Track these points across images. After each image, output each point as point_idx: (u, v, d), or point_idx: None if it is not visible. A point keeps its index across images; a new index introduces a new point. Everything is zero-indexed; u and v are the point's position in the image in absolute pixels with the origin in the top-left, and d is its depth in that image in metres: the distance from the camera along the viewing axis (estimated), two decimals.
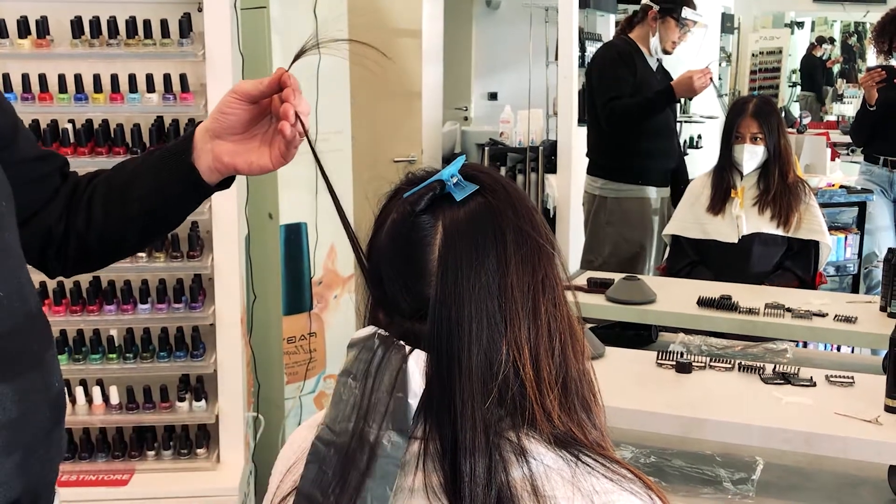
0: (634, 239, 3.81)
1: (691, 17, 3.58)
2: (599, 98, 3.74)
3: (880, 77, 4.16)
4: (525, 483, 0.82)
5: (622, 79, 3.65)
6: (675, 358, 2.22)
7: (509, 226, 0.86)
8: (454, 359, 0.83)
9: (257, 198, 2.78)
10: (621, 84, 3.65)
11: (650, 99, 3.61)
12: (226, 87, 2.25)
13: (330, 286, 3.19)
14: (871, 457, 1.87)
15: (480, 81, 6.44)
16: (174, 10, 2.27)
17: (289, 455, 0.97)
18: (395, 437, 0.82)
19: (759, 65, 8.50)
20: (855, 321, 2.60)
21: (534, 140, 4.82)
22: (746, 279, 3.07)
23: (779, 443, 1.89)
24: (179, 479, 2.32)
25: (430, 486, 0.82)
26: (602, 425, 0.91)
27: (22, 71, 2.23)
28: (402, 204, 0.87)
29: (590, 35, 5.04)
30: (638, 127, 3.66)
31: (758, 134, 3.10)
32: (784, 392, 2.04)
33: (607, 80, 3.73)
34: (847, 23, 9.48)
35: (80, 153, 2.24)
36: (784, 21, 9.16)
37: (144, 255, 2.29)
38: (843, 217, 4.41)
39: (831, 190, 4.37)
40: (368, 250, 0.91)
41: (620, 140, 3.73)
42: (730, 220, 3.15)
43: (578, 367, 0.89)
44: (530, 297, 0.85)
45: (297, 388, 3.08)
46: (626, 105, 3.63)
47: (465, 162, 0.89)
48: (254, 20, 2.84)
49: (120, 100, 2.25)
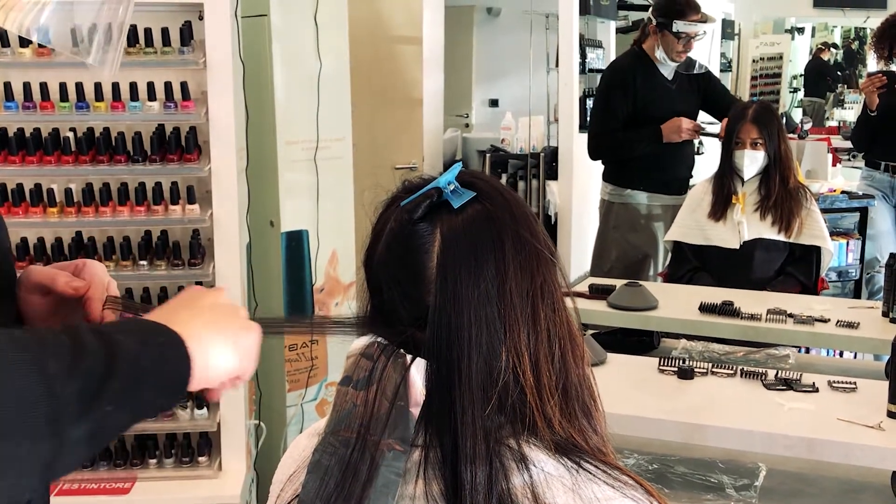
0: (639, 245, 3.82)
1: (685, 29, 3.57)
2: (590, 127, 3.89)
3: (881, 82, 4.16)
4: (526, 490, 0.82)
5: (614, 108, 3.70)
6: (677, 364, 2.22)
7: (507, 232, 0.86)
8: (454, 366, 0.83)
9: (258, 205, 2.78)
10: (609, 115, 3.71)
11: (635, 140, 3.68)
12: (227, 94, 2.26)
13: (331, 293, 3.19)
14: (874, 463, 1.86)
15: (481, 88, 6.45)
16: (175, 18, 2.27)
17: (289, 464, 0.96)
18: (397, 446, 0.82)
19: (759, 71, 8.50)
20: (857, 327, 2.60)
21: (535, 147, 4.83)
22: (748, 285, 3.06)
23: (781, 449, 1.89)
24: (181, 487, 2.32)
25: (431, 495, 0.82)
26: (603, 431, 0.91)
27: (23, 79, 2.24)
28: (399, 212, 0.87)
29: (590, 42, 5.05)
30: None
31: (758, 139, 3.10)
32: (786, 398, 2.04)
33: (599, 109, 3.82)
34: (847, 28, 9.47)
35: (81, 162, 2.25)
36: (784, 27, 9.16)
37: (146, 264, 2.29)
38: (845, 222, 4.41)
39: (833, 195, 4.37)
40: (367, 258, 0.91)
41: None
42: (731, 225, 3.15)
43: (579, 372, 0.89)
44: (529, 302, 0.85)
45: (298, 395, 3.08)
46: (610, 143, 3.74)
47: (462, 169, 0.89)
48: (254, 28, 2.84)
49: (121, 108, 2.25)
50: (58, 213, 2.26)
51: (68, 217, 2.27)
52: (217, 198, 2.29)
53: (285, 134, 2.95)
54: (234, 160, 2.30)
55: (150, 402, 0.70)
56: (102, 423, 0.67)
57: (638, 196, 3.79)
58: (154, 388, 0.70)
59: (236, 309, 0.79)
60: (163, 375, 0.70)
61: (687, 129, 3.64)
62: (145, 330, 0.72)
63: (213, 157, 2.28)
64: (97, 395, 0.65)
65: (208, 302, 0.78)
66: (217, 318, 0.77)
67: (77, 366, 0.65)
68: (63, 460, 0.65)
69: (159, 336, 0.72)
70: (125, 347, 0.68)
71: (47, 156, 2.24)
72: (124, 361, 0.67)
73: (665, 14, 3.60)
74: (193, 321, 0.75)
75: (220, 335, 0.76)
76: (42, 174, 2.26)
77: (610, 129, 3.71)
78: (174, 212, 2.29)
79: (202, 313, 0.77)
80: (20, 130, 2.26)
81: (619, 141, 3.70)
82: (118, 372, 0.66)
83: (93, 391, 0.65)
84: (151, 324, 0.73)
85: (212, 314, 0.77)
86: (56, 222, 2.27)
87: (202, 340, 0.74)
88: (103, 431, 0.68)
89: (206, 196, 2.31)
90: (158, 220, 2.30)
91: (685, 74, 3.75)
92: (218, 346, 0.75)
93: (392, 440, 0.82)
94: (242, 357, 0.78)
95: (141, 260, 2.29)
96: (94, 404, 0.65)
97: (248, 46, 2.65)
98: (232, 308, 0.79)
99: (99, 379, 0.66)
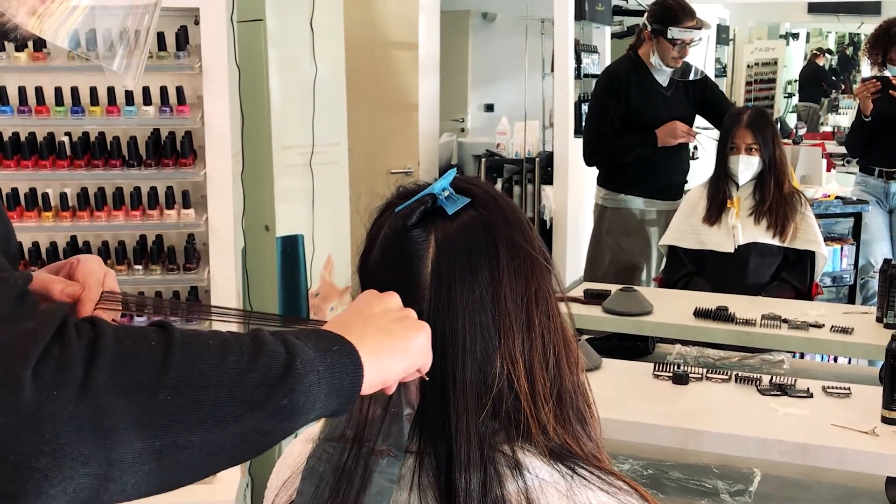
0: (632, 249, 3.82)
1: (680, 35, 3.57)
2: (584, 132, 3.88)
3: (875, 88, 4.17)
4: (520, 497, 0.82)
5: (608, 113, 3.70)
6: (672, 369, 2.22)
7: (501, 238, 0.86)
8: (448, 372, 0.83)
9: (254, 210, 2.78)
10: (604, 120, 3.72)
11: (630, 144, 3.68)
12: (222, 99, 2.27)
13: (327, 298, 3.18)
14: (868, 468, 1.86)
15: (477, 93, 6.45)
16: (171, 22, 2.27)
17: (284, 469, 0.96)
18: (391, 452, 0.82)
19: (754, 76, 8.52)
20: (851, 332, 2.60)
21: (530, 151, 4.84)
22: (743, 290, 3.07)
23: (776, 454, 1.89)
24: (175, 493, 2.31)
25: (426, 501, 0.82)
26: (598, 437, 0.91)
27: (19, 84, 2.23)
28: (393, 218, 0.87)
29: (585, 47, 5.06)
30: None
31: (753, 144, 3.11)
32: (781, 403, 2.04)
33: (594, 114, 3.83)
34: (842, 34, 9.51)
35: (76, 166, 2.25)
36: (779, 32, 9.19)
37: (141, 268, 2.29)
38: (839, 228, 4.42)
39: (827, 201, 4.38)
40: (361, 264, 0.91)
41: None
42: (726, 230, 3.15)
43: (573, 378, 0.89)
44: (524, 309, 0.85)
45: None
46: (605, 148, 3.74)
47: (457, 175, 0.89)
48: (250, 33, 2.85)
49: (116, 112, 2.25)
50: (53, 217, 2.26)
51: (63, 221, 2.26)
52: (212, 202, 2.29)
53: (281, 139, 2.95)
54: (229, 165, 2.30)
55: (322, 404, 0.74)
56: (275, 419, 0.71)
57: (632, 201, 3.79)
58: (328, 394, 0.74)
59: (406, 312, 0.82)
60: (337, 381, 0.75)
61: (682, 133, 3.64)
62: (322, 338, 0.77)
63: (208, 161, 2.28)
64: (275, 390, 0.70)
65: (379, 309, 0.82)
66: (388, 325, 0.80)
67: (255, 361, 0.71)
68: (267, 438, 0.72)
69: (334, 344, 0.76)
70: (304, 351, 0.73)
71: (43, 160, 2.24)
72: (302, 363, 0.72)
73: (660, 20, 3.60)
74: (366, 329, 0.79)
75: (391, 341, 0.80)
76: (37, 178, 2.26)
77: (605, 133, 3.71)
78: (169, 216, 2.29)
79: (374, 321, 0.81)
80: (15, 134, 2.26)
81: (614, 145, 3.70)
82: (295, 371, 0.72)
83: (272, 384, 0.70)
84: (327, 332, 0.78)
85: (382, 321, 0.81)
86: (51, 227, 2.27)
87: (374, 349, 0.78)
88: (273, 430, 0.72)
89: (202, 201, 2.31)
90: (154, 225, 2.29)
91: (681, 81, 3.76)
92: (389, 352, 0.79)
93: (386, 446, 0.82)
94: (416, 357, 0.81)
95: (136, 264, 2.29)
96: (272, 398, 0.70)
97: (244, 51, 2.65)
98: (401, 312, 0.82)
99: (277, 376, 0.71)
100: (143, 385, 0.66)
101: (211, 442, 0.69)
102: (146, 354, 0.68)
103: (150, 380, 0.66)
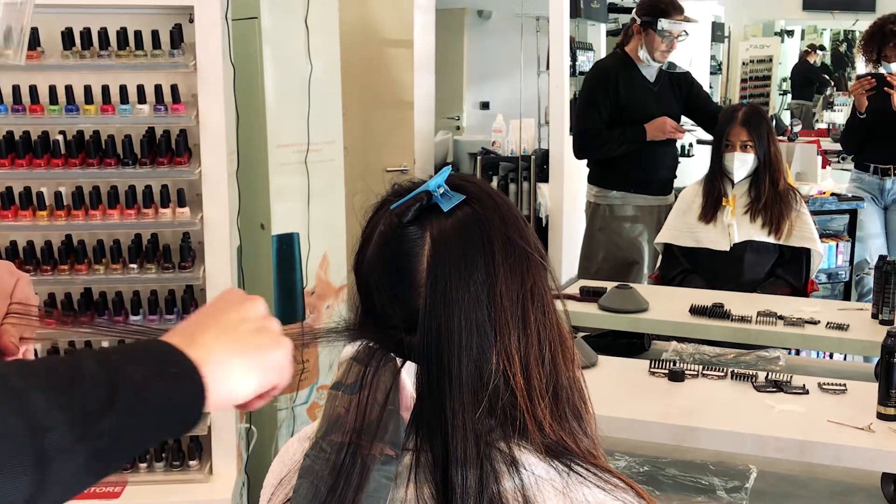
0: (625, 246, 3.84)
1: (669, 27, 3.61)
2: (574, 124, 3.91)
3: (870, 85, 4.18)
4: (517, 494, 0.82)
5: (597, 105, 3.72)
6: (668, 366, 2.23)
7: (497, 235, 0.86)
8: (444, 369, 0.83)
9: (249, 208, 2.77)
10: (593, 113, 3.73)
11: (618, 137, 3.69)
12: (217, 97, 2.26)
13: (322, 296, 3.18)
14: (864, 464, 1.87)
15: (472, 91, 6.45)
16: (165, 20, 2.27)
17: (280, 468, 0.96)
18: (388, 450, 0.82)
19: (749, 73, 8.53)
20: (847, 328, 2.61)
21: (526, 149, 4.83)
22: (738, 287, 3.07)
23: (772, 451, 1.90)
24: (172, 492, 2.31)
25: (423, 498, 0.82)
26: (594, 434, 0.91)
27: (12, 82, 2.23)
28: (389, 215, 0.87)
29: (581, 44, 5.06)
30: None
31: (748, 142, 3.11)
32: (777, 400, 2.05)
33: (583, 107, 3.84)
34: (837, 31, 9.52)
35: (71, 165, 2.24)
36: (774, 29, 9.20)
37: (136, 267, 2.28)
38: (835, 224, 4.43)
39: (822, 198, 4.39)
40: (357, 262, 0.91)
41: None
42: (721, 228, 3.16)
43: (569, 375, 0.89)
44: (519, 305, 0.85)
45: (289, 398, 3.07)
46: (594, 140, 3.75)
47: (452, 172, 0.89)
48: (245, 31, 2.84)
49: (111, 111, 2.24)
50: (47, 216, 2.26)
51: (58, 220, 2.26)
52: (207, 201, 2.29)
53: (276, 137, 2.95)
54: (224, 163, 2.30)
55: (151, 436, 0.67)
56: (99, 457, 0.63)
57: (622, 197, 3.82)
58: (158, 423, 0.67)
59: (266, 324, 0.76)
60: (170, 408, 0.67)
61: (671, 129, 3.66)
62: (160, 358, 0.69)
63: (203, 160, 2.27)
64: (91, 429, 0.62)
65: (237, 316, 0.75)
66: (244, 338, 0.74)
67: (72, 398, 0.62)
68: (48, 494, 0.62)
69: (172, 366, 0.68)
70: (131, 378, 0.65)
71: (37, 159, 2.23)
72: (127, 393, 0.64)
73: (650, 13, 3.64)
74: (217, 342, 0.72)
75: (245, 357, 0.73)
76: (32, 177, 2.25)
77: (594, 126, 3.73)
78: (164, 215, 2.28)
79: (228, 331, 0.73)
80: (9, 133, 2.25)
81: (604, 138, 3.72)
82: (118, 405, 0.64)
83: (87, 424, 0.62)
84: (168, 349, 0.70)
85: (238, 332, 0.74)
86: (46, 226, 2.26)
87: (223, 364, 0.71)
88: (100, 465, 0.64)
89: (197, 199, 2.31)
90: (149, 224, 2.29)
91: (668, 77, 3.79)
92: (240, 368, 0.72)
93: (383, 444, 0.82)
94: (270, 374, 0.74)
95: (131, 263, 2.29)
96: (88, 438, 0.62)
97: (239, 49, 2.64)
98: (261, 322, 0.76)
99: (94, 412, 0.63)
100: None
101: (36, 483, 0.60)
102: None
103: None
